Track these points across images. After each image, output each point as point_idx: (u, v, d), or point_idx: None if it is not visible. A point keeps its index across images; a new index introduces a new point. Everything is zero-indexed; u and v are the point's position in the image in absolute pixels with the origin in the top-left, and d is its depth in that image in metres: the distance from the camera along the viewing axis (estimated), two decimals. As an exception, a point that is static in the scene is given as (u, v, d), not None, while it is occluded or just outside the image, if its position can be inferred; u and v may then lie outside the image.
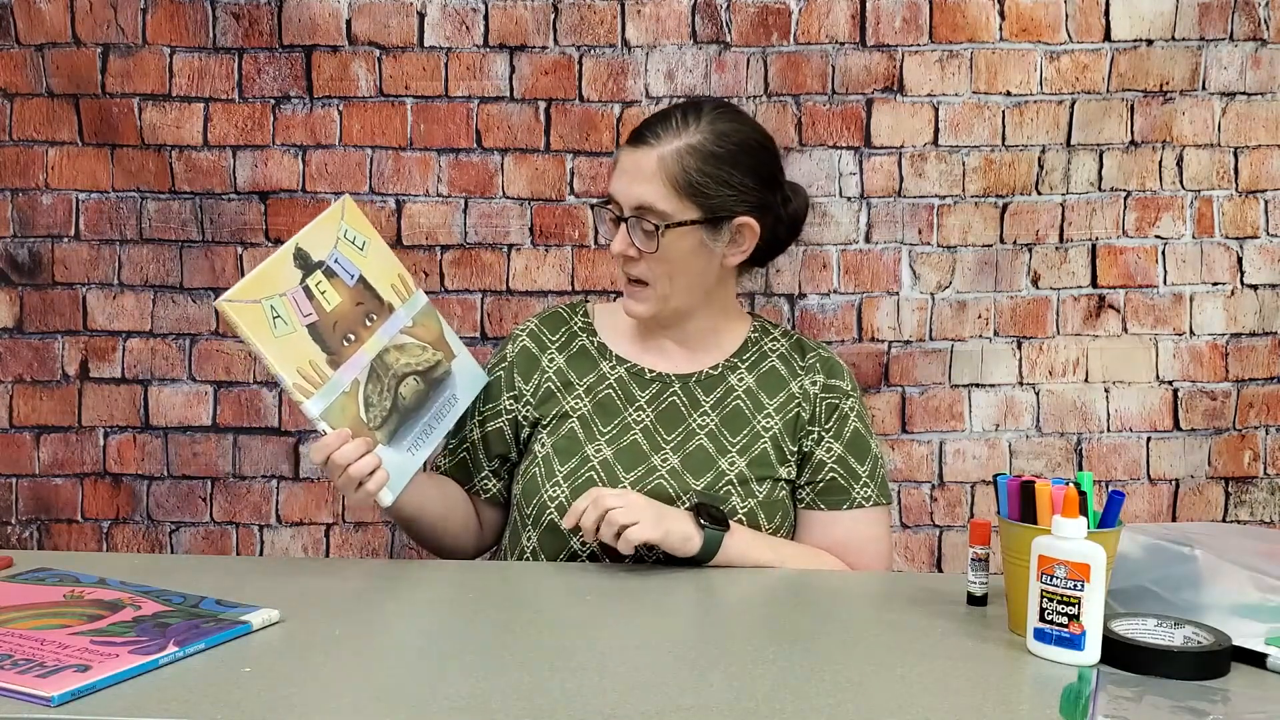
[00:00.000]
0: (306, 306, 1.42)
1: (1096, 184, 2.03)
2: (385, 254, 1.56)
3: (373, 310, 1.49)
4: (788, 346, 1.64)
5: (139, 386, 2.07)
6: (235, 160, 2.02)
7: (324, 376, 1.41)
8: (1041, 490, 1.18)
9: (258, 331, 1.37)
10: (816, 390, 1.59)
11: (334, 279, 1.46)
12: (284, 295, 1.40)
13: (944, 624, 1.23)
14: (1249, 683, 1.07)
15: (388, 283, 1.53)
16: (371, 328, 1.48)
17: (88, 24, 2.00)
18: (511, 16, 2.00)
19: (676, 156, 1.49)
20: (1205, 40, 2.00)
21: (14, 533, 2.07)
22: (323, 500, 2.07)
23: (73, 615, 1.16)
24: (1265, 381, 2.05)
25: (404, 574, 1.43)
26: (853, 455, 1.58)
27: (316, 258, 1.45)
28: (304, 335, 1.40)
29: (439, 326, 1.60)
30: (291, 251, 1.44)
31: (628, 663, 1.12)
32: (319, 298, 1.43)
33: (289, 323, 1.39)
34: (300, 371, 1.39)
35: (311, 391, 1.39)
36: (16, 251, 2.05)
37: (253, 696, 1.00)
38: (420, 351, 1.54)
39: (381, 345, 1.49)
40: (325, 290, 1.44)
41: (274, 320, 1.38)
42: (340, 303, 1.45)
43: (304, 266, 1.44)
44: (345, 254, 1.48)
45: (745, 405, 1.57)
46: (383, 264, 1.54)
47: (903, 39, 1.99)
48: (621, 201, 1.51)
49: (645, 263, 1.51)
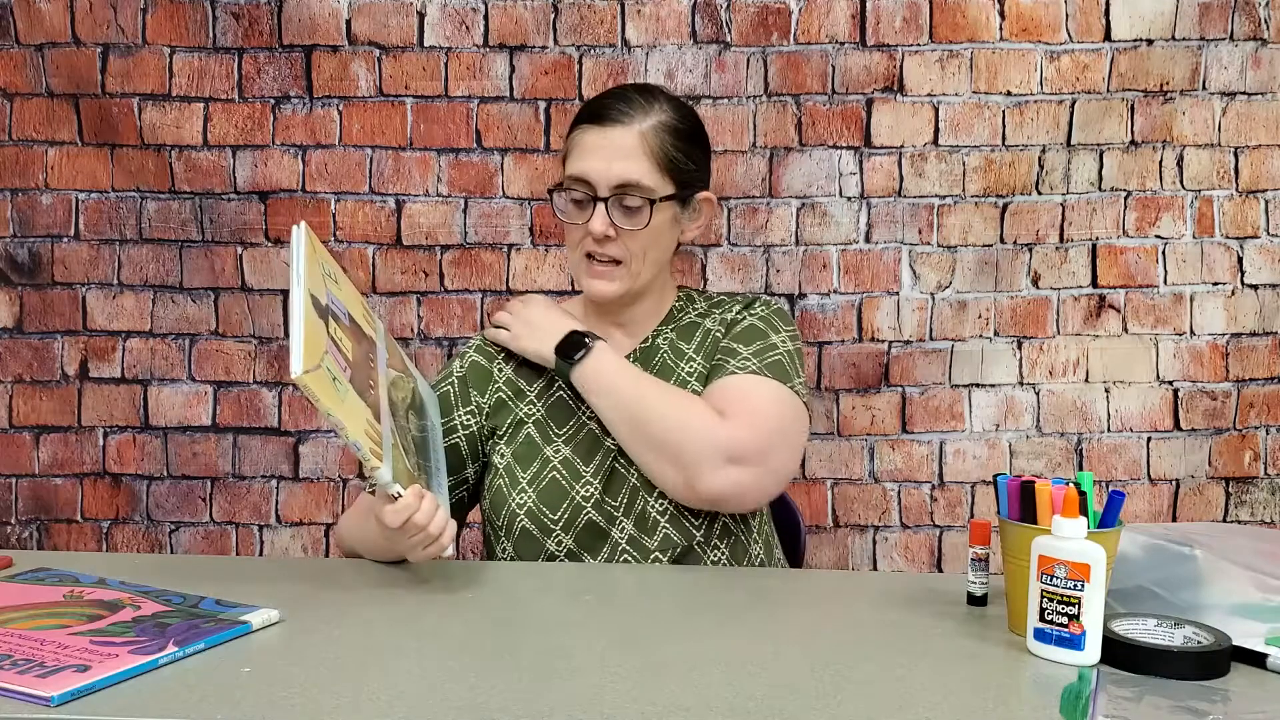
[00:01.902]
0: (341, 361, 1.26)
1: (1097, 184, 2.03)
2: (347, 280, 1.39)
3: (369, 349, 1.35)
4: (707, 306, 1.62)
5: (139, 386, 2.07)
6: (235, 160, 2.02)
7: (378, 433, 1.27)
8: (1041, 490, 1.18)
9: (331, 399, 1.18)
10: (732, 316, 1.56)
11: (337, 321, 1.29)
12: (327, 353, 1.23)
13: (944, 624, 1.23)
14: (1249, 683, 1.07)
15: (361, 313, 1.37)
16: (374, 367, 1.34)
17: (88, 24, 2.00)
18: (511, 16, 2.00)
19: (655, 132, 1.49)
20: (1205, 40, 2.00)
21: (14, 533, 2.07)
22: (323, 500, 2.07)
23: (72, 615, 1.16)
24: (1265, 381, 2.05)
25: (404, 574, 1.43)
26: (739, 341, 1.52)
27: (323, 303, 1.27)
28: (352, 392, 1.25)
29: (396, 347, 1.47)
30: (309, 301, 1.23)
31: (627, 663, 1.12)
32: (341, 348, 1.27)
33: (341, 382, 1.23)
34: (367, 434, 1.24)
35: (379, 452, 1.25)
36: (16, 251, 2.05)
37: (253, 696, 1.00)
38: (404, 382, 1.42)
39: (384, 383, 1.35)
40: (341, 338, 1.28)
41: (334, 382, 1.22)
42: (352, 348, 1.29)
43: (321, 315, 1.26)
44: (333, 292, 1.31)
45: (669, 358, 1.55)
46: (351, 292, 1.38)
47: (903, 39, 1.99)
48: (598, 180, 1.48)
49: (623, 241, 1.50)
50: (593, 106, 1.53)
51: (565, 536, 1.47)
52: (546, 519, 1.47)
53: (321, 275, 1.29)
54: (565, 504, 1.46)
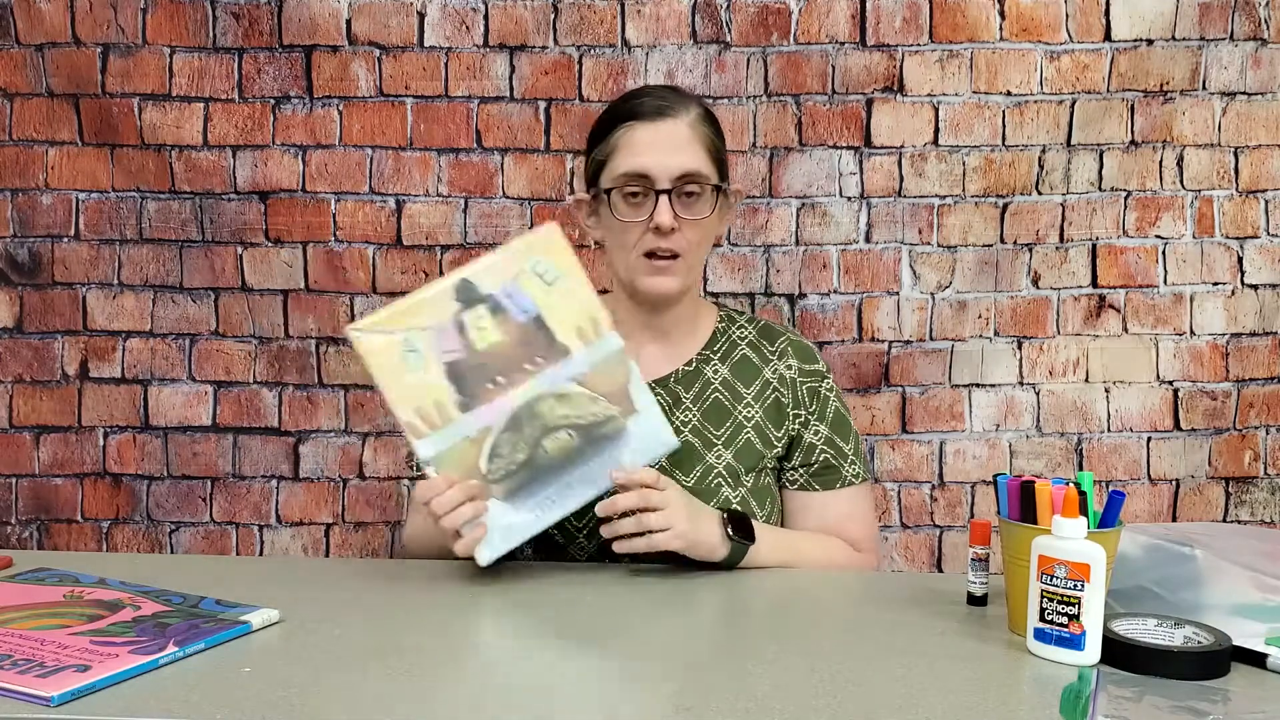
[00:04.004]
0: (452, 343, 1.32)
1: (1097, 184, 2.03)
2: (579, 291, 1.38)
3: (540, 353, 1.35)
4: (755, 333, 1.64)
5: (139, 386, 2.07)
6: (235, 160, 2.02)
7: (446, 419, 1.32)
8: (1041, 490, 1.18)
9: (382, 365, 1.30)
10: (793, 375, 1.60)
11: (499, 314, 1.34)
12: (426, 329, 1.32)
13: (944, 624, 1.23)
14: (1249, 683, 1.07)
15: (572, 324, 1.37)
16: (532, 371, 1.35)
17: (88, 24, 2.00)
18: (511, 16, 2.00)
19: (699, 123, 1.53)
20: (1205, 40, 2.00)
21: (14, 533, 2.07)
22: (323, 500, 2.07)
23: (73, 615, 1.16)
24: (1265, 381, 2.05)
25: (404, 574, 1.43)
26: (838, 435, 1.60)
27: (484, 290, 1.34)
28: (437, 373, 1.31)
29: (625, 377, 1.38)
30: (454, 283, 1.34)
31: (628, 663, 1.12)
32: (471, 333, 1.33)
33: (423, 358, 1.31)
34: (419, 410, 1.31)
35: (425, 433, 1.31)
36: (16, 251, 2.05)
37: (253, 696, 1.00)
38: (588, 403, 1.36)
39: (537, 392, 1.35)
40: (484, 326, 1.33)
41: (406, 354, 1.30)
42: (497, 341, 1.34)
43: (465, 299, 1.33)
44: (525, 288, 1.35)
45: (724, 397, 1.57)
46: (572, 302, 1.37)
47: (903, 39, 1.99)
48: (658, 173, 1.49)
49: (684, 232, 1.51)
50: (635, 105, 1.55)
51: (589, 544, 1.48)
52: (570, 525, 1.48)
53: (518, 270, 1.35)
54: (588, 511, 1.42)
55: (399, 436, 2.06)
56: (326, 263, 2.04)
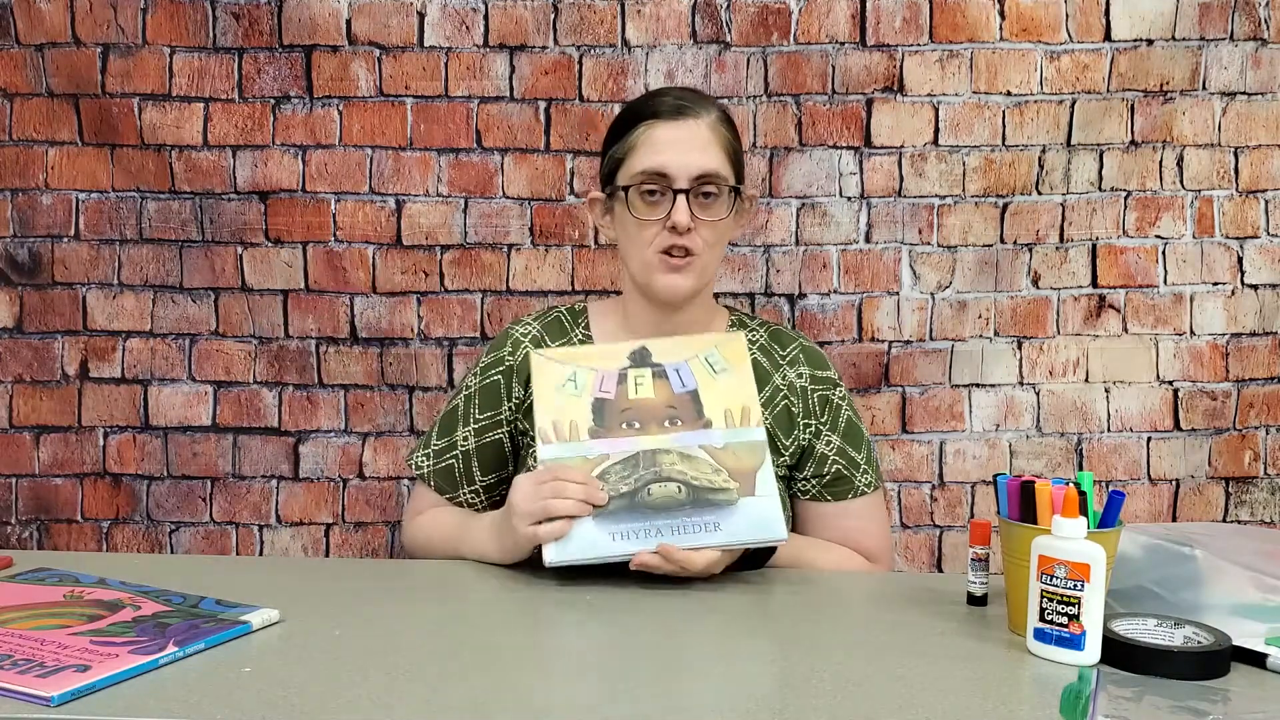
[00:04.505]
0: (609, 385, 1.44)
1: (1097, 184, 2.03)
2: (742, 386, 1.46)
3: (682, 417, 1.43)
4: (766, 338, 1.64)
5: (139, 386, 2.07)
6: (235, 160, 2.02)
7: (575, 436, 1.41)
8: (1041, 490, 1.18)
9: (544, 381, 1.43)
10: (804, 383, 1.60)
11: (660, 380, 1.45)
12: (594, 370, 1.44)
13: (944, 624, 1.23)
14: (1249, 683, 1.07)
15: (722, 406, 1.44)
16: (668, 429, 1.42)
17: (88, 24, 2.00)
18: (511, 16, 2.00)
19: (719, 125, 1.55)
20: (1205, 40, 2.00)
21: (14, 533, 2.07)
22: (323, 500, 2.07)
23: (73, 615, 1.16)
24: (1265, 381, 2.05)
25: (404, 574, 1.43)
26: (850, 444, 1.60)
27: (655, 361, 1.47)
28: (584, 403, 1.43)
29: (756, 465, 1.41)
30: (634, 347, 1.48)
31: (627, 663, 1.12)
32: (629, 385, 1.44)
33: (579, 389, 1.43)
34: (555, 423, 1.41)
35: (553, 440, 1.41)
36: (16, 251, 2.05)
37: (253, 696, 1.00)
38: (709, 471, 1.39)
39: (664, 444, 1.40)
40: (642, 383, 1.45)
41: (565, 381, 1.44)
42: (649, 398, 1.44)
43: (636, 360, 1.46)
44: (693, 370, 1.46)
45: None
46: (731, 392, 1.45)
47: (903, 39, 1.99)
48: (677, 172, 1.50)
49: (699, 232, 1.52)
50: (653, 104, 1.56)
51: None
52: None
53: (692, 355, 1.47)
54: None
55: (399, 436, 2.06)
56: (326, 263, 2.04)
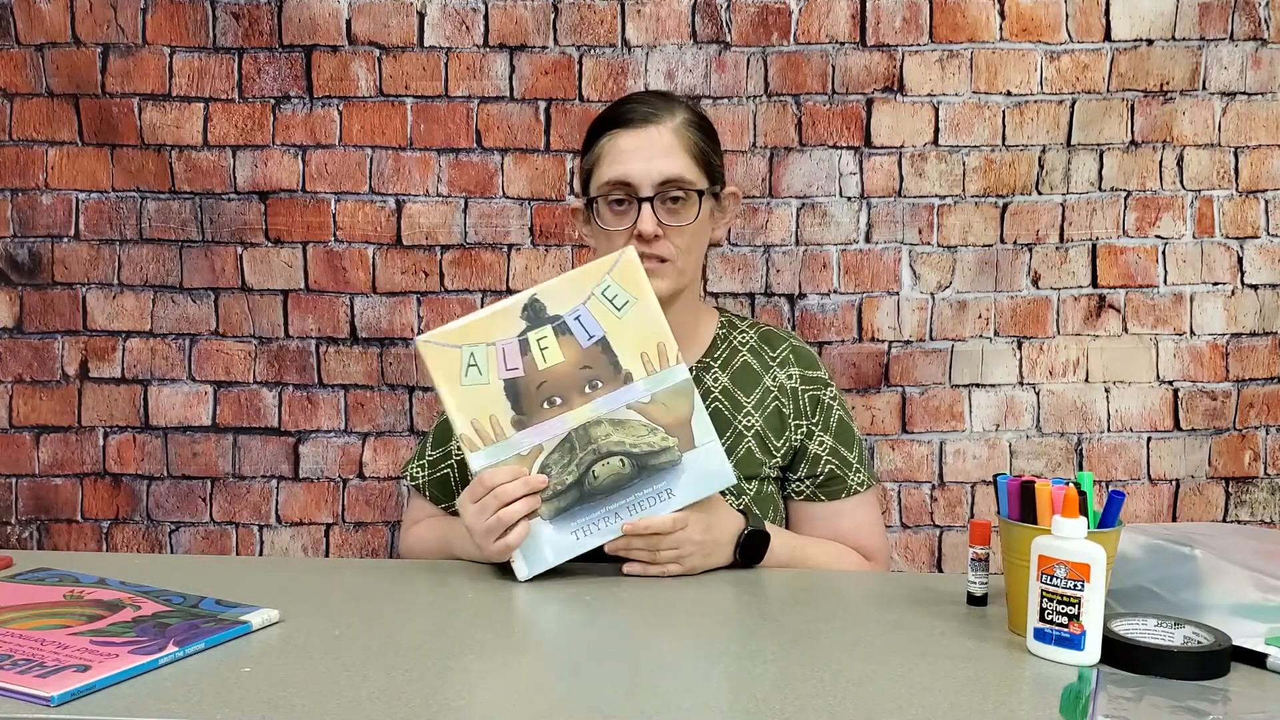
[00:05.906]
0: (514, 360, 1.35)
1: (1097, 184, 2.03)
2: (649, 320, 1.38)
3: (600, 377, 1.36)
4: (756, 339, 1.64)
5: (139, 386, 2.07)
6: (235, 160, 2.02)
7: (500, 435, 1.35)
8: (1041, 490, 1.18)
9: (443, 376, 1.34)
10: (794, 384, 1.60)
11: (564, 336, 1.36)
12: (491, 345, 1.35)
13: (944, 624, 1.23)
14: (1249, 683, 1.07)
15: (637, 350, 1.37)
16: (589, 396, 1.36)
17: (88, 24, 2.00)
18: (511, 16, 2.00)
19: (685, 129, 1.53)
20: (1205, 40, 2.00)
21: (14, 533, 2.07)
22: (322, 500, 2.07)
23: (73, 615, 1.16)
24: (1265, 381, 2.05)
25: (404, 574, 1.43)
26: (842, 444, 1.60)
27: (552, 312, 1.36)
28: (495, 389, 1.35)
29: (689, 410, 1.38)
30: (525, 301, 1.37)
31: (627, 663, 1.12)
32: (535, 353, 1.35)
33: (483, 373, 1.35)
34: (475, 424, 1.34)
35: (479, 446, 1.34)
36: (16, 251, 2.05)
37: (253, 696, 1.00)
38: (645, 433, 1.36)
39: (592, 416, 1.36)
40: (547, 347, 1.36)
41: (467, 369, 1.35)
42: (559, 363, 1.36)
43: (533, 319, 1.36)
44: (593, 312, 1.37)
45: (724, 406, 1.57)
46: (641, 329, 1.38)
47: (903, 39, 1.99)
48: (640, 180, 1.50)
49: (670, 238, 1.51)
50: (617, 113, 1.55)
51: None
52: None
53: (589, 293, 1.37)
54: None
55: (399, 436, 2.06)
56: (326, 263, 2.04)
